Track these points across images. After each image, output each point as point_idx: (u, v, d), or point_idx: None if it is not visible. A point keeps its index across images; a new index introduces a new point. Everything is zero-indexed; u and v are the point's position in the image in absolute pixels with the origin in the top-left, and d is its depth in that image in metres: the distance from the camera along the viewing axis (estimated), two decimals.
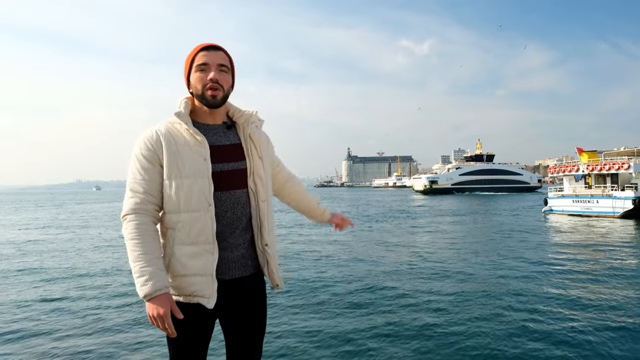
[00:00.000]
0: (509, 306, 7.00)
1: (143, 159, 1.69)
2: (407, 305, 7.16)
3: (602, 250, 13.04)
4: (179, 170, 1.67)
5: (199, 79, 1.73)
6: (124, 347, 5.37)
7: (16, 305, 7.26)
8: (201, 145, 1.71)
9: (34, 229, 21.68)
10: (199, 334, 1.77)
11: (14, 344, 5.50)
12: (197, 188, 1.67)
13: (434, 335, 5.73)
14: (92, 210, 38.67)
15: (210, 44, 1.76)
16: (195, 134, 1.71)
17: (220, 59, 1.75)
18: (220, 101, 1.75)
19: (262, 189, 1.80)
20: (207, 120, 1.80)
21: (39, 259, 12.17)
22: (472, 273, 9.69)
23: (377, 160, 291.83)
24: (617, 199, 24.40)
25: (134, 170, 1.69)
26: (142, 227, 1.65)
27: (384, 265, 10.74)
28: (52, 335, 5.78)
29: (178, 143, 1.70)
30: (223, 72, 1.75)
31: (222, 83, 1.73)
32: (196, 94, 1.76)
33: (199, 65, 1.73)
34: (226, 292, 1.75)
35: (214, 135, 1.78)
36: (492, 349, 5.30)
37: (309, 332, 5.89)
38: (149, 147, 1.69)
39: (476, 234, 17.70)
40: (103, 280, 9.16)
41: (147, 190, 1.68)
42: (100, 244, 15.25)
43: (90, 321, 6.37)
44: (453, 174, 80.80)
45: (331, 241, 15.47)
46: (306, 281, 8.94)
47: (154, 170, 1.69)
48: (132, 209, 1.67)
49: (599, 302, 7.29)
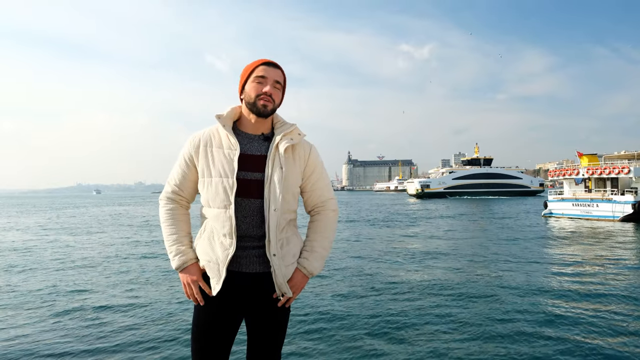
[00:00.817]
0: (510, 309, 7.05)
1: (182, 159, 1.94)
2: (407, 311, 7.21)
3: (602, 254, 13.07)
4: (209, 170, 1.87)
5: (254, 89, 1.85)
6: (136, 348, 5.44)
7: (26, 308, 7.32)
8: (233, 148, 1.85)
9: (30, 232, 21.73)
10: (222, 328, 1.88)
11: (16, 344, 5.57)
12: (222, 188, 1.82)
13: (434, 339, 5.78)
14: (92, 214, 38.72)
15: (270, 61, 1.88)
16: (230, 137, 1.85)
17: (277, 76, 1.87)
18: (270, 112, 1.87)
19: (274, 198, 1.82)
20: (249, 130, 1.92)
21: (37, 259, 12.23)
22: (466, 278, 9.73)
23: (378, 164, 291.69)
24: (617, 203, 24.43)
25: (177, 164, 1.96)
26: (171, 211, 1.95)
27: (375, 270, 10.79)
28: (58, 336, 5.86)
29: (214, 145, 1.88)
30: (277, 88, 1.88)
31: (274, 97, 1.86)
32: (248, 101, 1.87)
33: (258, 77, 1.85)
34: (246, 285, 1.86)
35: (248, 144, 1.89)
36: (494, 353, 5.35)
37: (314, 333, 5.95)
38: (189, 149, 1.91)
39: (465, 237, 17.76)
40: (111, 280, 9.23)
41: (179, 185, 1.95)
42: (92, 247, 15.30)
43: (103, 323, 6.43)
44: (446, 178, 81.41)
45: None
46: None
47: (189, 170, 1.93)
48: (165, 196, 1.97)
49: (599, 305, 7.32)
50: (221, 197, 1.83)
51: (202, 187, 1.90)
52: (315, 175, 2.01)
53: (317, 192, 2.02)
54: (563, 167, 30.85)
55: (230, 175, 1.82)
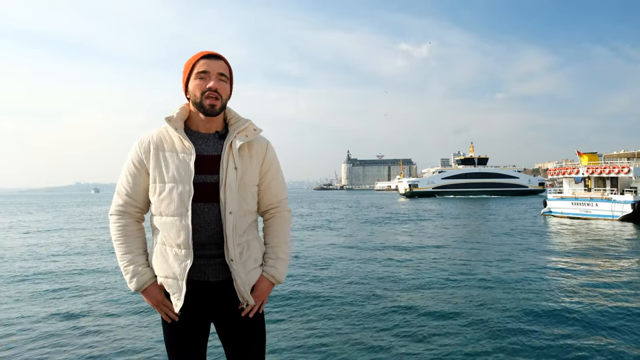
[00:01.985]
0: (506, 308, 6.94)
1: (132, 164, 1.77)
2: (405, 309, 7.09)
3: (602, 254, 12.96)
4: (162, 176, 1.73)
5: (197, 87, 1.72)
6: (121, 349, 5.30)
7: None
8: (188, 151, 1.72)
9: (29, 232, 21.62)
10: (193, 341, 1.81)
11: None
12: (177, 194, 1.69)
13: (436, 340, 5.66)
14: (91, 213, 38.61)
15: (211, 53, 1.75)
16: (184, 140, 1.72)
17: (221, 68, 1.74)
18: (218, 110, 1.74)
19: (230, 201, 1.71)
20: (201, 129, 1.79)
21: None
22: (457, 277, 9.62)
23: (377, 163, 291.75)
24: (617, 202, 24.35)
25: (124, 173, 1.79)
26: (123, 228, 1.78)
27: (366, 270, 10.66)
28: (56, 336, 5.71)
29: (166, 149, 1.74)
30: (222, 81, 1.75)
31: (221, 92, 1.73)
32: (194, 101, 1.75)
33: (199, 73, 1.72)
34: (211, 294, 1.76)
35: (203, 144, 1.76)
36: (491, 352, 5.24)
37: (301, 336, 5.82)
38: (138, 153, 1.76)
39: (433, 237, 17.66)
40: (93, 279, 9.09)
41: (131, 194, 1.78)
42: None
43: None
44: (435, 177, 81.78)
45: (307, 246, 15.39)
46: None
47: (140, 176, 1.77)
48: (115, 210, 1.79)
49: (598, 304, 7.23)
50: (176, 204, 1.69)
51: (152, 194, 1.76)
52: (271, 174, 1.89)
53: (272, 192, 1.90)
54: (562, 166, 30.80)
55: (187, 180, 1.69)
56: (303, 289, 8.55)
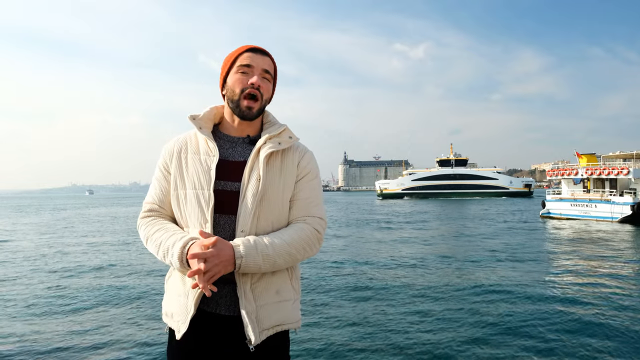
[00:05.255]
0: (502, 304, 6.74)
1: (159, 171, 1.58)
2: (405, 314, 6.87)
3: (602, 256, 12.80)
4: (182, 181, 1.52)
5: (238, 81, 1.51)
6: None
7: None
8: (211, 154, 1.51)
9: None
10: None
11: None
12: (196, 201, 1.47)
13: (433, 340, 5.46)
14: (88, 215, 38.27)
15: (258, 47, 1.55)
16: (209, 140, 1.52)
17: (266, 64, 1.54)
18: (255, 114, 1.53)
19: (244, 217, 1.43)
20: (231, 132, 1.58)
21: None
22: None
23: (374, 165, 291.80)
24: (616, 204, 24.30)
25: (153, 180, 1.60)
26: (153, 222, 1.52)
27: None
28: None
29: (189, 151, 1.55)
30: (266, 79, 1.54)
31: (263, 91, 1.52)
32: (230, 98, 1.53)
33: (242, 67, 1.51)
34: (222, 329, 1.45)
35: (230, 149, 1.55)
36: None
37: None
38: (164, 157, 1.58)
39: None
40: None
41: (159, 202, 1.56)
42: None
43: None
44: (405, 179, 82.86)
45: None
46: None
47: (167, 183, 1.56)
48: (144, 216, 1.56)
49: (597, 307, 7.07)
50: (196, 213, 1.46)
51: (174, 201, 1.54)
52: (303, 184, 1.55)
53: (300, 204, 1.53)
54: (560, 167, 30.78)
55: (206, 186, 1.46)
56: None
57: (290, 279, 1.54)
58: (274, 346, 1.48)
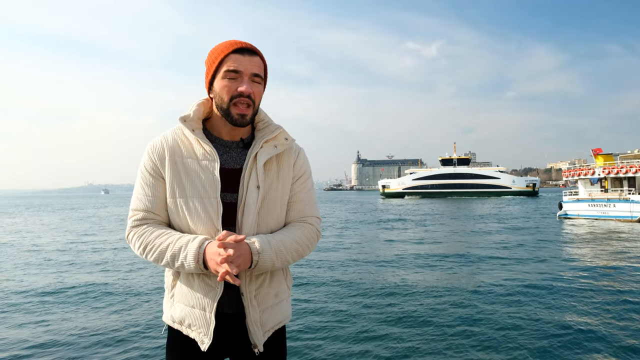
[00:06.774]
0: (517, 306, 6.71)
1: (146, 174, 1.47)
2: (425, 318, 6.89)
3: (624, 256, 12.61)
4: (182, 189, 1.43)
5: (226, 89, 1.41)
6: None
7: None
8: (211, 158, 1.44)
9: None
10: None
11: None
12: (204, 211, 1.41)
13: (443, 339, 5.48)
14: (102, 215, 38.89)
15: (245, 45, 1.42)
16: (204, 143, 1.44)
17: (255, 67, 1.42)
18: (248, 121, 1.44)
19: (246, 227, 1.43)
20: (224, 134, 1.50)
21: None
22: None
23: (387, 164, 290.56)
24: (636, 202, 23.84)
25: (138, 185, 1.49)
26: (153, 228, 1.44)
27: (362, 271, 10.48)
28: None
29: (184, 155, 1.45)
30: (256, 83, 1.44)
31: (254, 97, 1.42)
32: (219, 105, 1.44)
33: (229, 72, 1.40)
34: (227, 327, 1.49)
35: (225, 155, 1.48)
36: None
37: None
38: (152, 159, 1.46)
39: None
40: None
41: (151, 209, 1.46)
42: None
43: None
44: (406, 178, 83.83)
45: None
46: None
47: (159, 186, 1.46)
48: (131, 227, 1.46)
49: (619, 310, 6.96)
50: (204, 223, 1.41)
51: (173, 211, 1.46)
52: (298, 186, 1.55)
53: (297, 206, 1.55)
54: (577, 167, 30.32)
55: (213, 194, 1.41)
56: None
57: (285, 278, 1.59)
58: (274, 342, 1.54)
